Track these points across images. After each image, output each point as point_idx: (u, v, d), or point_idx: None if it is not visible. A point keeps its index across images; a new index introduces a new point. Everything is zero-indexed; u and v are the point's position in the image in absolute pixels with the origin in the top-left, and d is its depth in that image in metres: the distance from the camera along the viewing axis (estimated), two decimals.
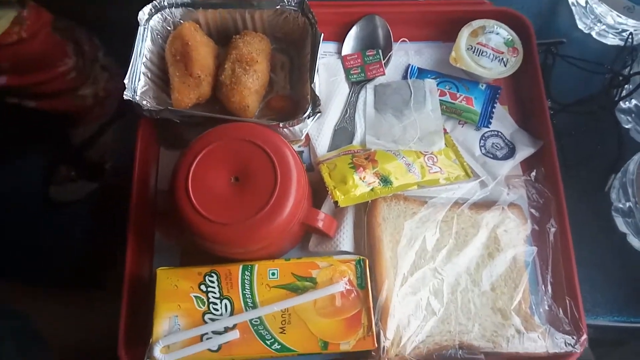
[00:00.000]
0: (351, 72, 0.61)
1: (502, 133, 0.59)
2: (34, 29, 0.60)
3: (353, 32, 0.63)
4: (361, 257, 0.49)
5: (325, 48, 0.63)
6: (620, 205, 0.57)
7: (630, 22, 0.62)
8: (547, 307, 0.52)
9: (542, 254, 0.54)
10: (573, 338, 0.49)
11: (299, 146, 0.58)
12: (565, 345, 0.49)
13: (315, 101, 0.53)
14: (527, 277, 0.52)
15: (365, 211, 0.53)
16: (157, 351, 0.45)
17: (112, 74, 0.92)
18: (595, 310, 0.55)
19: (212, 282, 0.47)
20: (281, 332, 0.46)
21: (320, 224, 0.49)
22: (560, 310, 0.51)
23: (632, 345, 0.81)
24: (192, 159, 0.47)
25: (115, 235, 0.57)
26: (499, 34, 0.60)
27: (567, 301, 0.51)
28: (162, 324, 0.46)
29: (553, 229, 0.54)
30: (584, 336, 0.50)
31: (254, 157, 0.47)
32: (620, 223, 0.57)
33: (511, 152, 0.57)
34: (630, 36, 0.61)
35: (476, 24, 0.61)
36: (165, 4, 0.58)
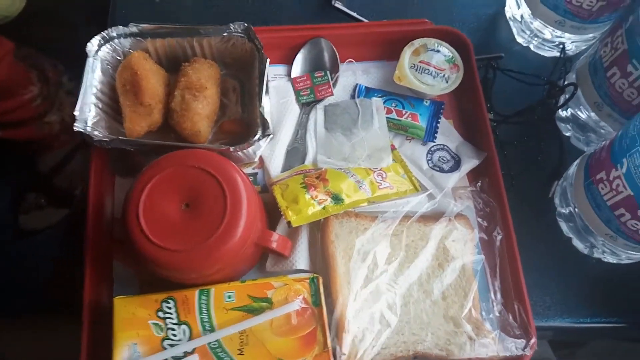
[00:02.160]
0: (301, 93, 0.63)
1: (447, 146, 0.61)
2: None
3: (300, 55, 0.64)
4: (314, 275, 0.50)
5: (275, 71, 0.64)
6: (563, 211, 0.60)
7: (565, 35, 0.65)
8: (497, 313, 0.54)
9: (490, 262, 0.56)
10: (523, 342, 0.51)
11: (253, 168, 0.60)
12: (516, 349, 0.51)
13: (265, 124, 0.55)
14: (477, 285, 0.54)
15: (319, 230, 0.54)
16: None
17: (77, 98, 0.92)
18: (546, 313, 0.58)
19: (169, 308, 0.48)
20: (239, 354, 0.47)
21: (274, 245, 0.51)
22: (510, 316, 0.53)
23: (592, 345, 0.84)
24: (142, 187, 0.47)
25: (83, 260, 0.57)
26: (440, 51, 0.63)
27: (516, 306, 0.53)
28: (121, 352, 0.46)
29: (499, 237, 0.56)
30: (533, 339, 0.52)
31: (204, 183, 0.48)
32: (565, 227, 0.60)
33: (457, 165, 0.60)
34: (563, 47, 0.65)
35: (418, 42, 0.63)
36: (114, 34, 0.59)
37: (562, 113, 0.65)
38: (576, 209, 0.57)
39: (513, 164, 0.62)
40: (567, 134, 0.65)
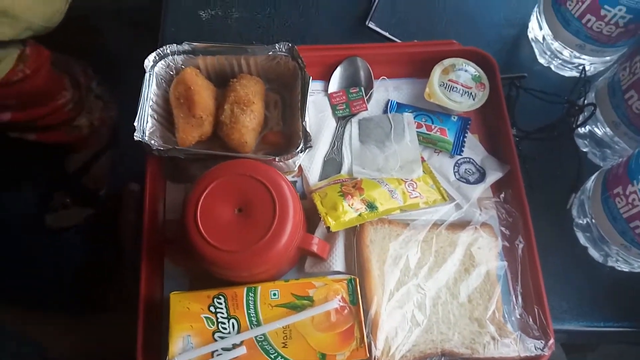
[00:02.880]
0: (337, 108, 0.68)
1: (473, 160, 0.66)
2: (35, 65, 0.63)
3: (337, 72, 0.69)
4: (352, 277, 0.55)
5: (313, 87, 0.69)
6: (580, 222, 0.64)
7: (584, 57, 0.70)
8: (518, 316, 0.58)
9: (512, 268, 0.60)
10: (541, 342, 0.56)
11: (293, 176, 0.65)
12: (535, 349, 0.56)
13: (307, 137, 0.59)
14: (500, 289, 0.58)
15: (355, 234, 0.59)
16: None
17: (105, 102, 0.96)
18: (562, 317, 0.62)
19: (220, 303, 0.53)
20: (283, 347, 0.52)
21: (314, 248, 0.55)
22: (530, 318, 0.58)
23: (602, 348, 0.88)
24: (199, 194, 0.52)
25: (111, 257, 0.61)
26: (467, 71, 0.67)
27: (536, 309, 0.58)
28: (176, 343, 0.51)
29: (521, 245, 0.60)
30: (551, 340, 0.56)
31: (255, 190, 0.53)
32: (581, 237, 0.64)
33: (482, 177, 0.64)
34: (583, 69, 0.69)
35: (447, 62, 0.68)
36: (168, 51, 0.64)
37: (580, 130, 0.69)
38: (593, 220, 0.61)
39: (534, 177, 0.66)
40: (584, 150, 0.69)
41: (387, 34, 0.74)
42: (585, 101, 0.67)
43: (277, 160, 0.58)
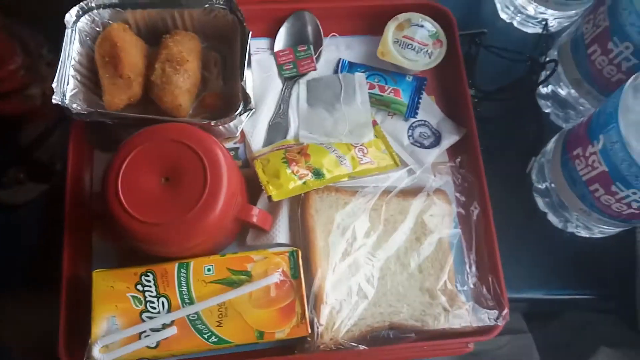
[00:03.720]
0: (283, 67, 0.62)
1: (429, 122, 0.61)
2: None
3: (284, 29, 0.64)
4: (294, 249, 0.51)
5: (258, 45, 0.64)
6: (539, 186, 0.61)
7: (549, 11, 0.65)
8: (471, 286, 0.55)
9: (467, 236, 0.57)
10: (495, 312, 0.53)
11: (235, 143, 0.60)
12: (489, 320, 0.53)
13: (247, 98, 0.54)
14: (453, 258, 0.55)
15: (299, 204, 0.55)
16: (96, 351, 0.46)
17: None
18: (520, 285, 0.59)
19: (149, 281, 0.49)
20: (218, 325, 0.48)
21: (254, 219, 0.51)
22: (484, 288, 0.55)
23: (564, 317, 0.87)
24: (121, 161, 0.47)
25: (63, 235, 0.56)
26: (424, 26, 0.63)
27: (490, 278, 0.55)
28: (100, 325, 0.47)
29: (476, 211, 0.57)
30: (506, 310, 0.53)
31: (184, 157, 0.48)
32: (540, 203, 0.61)
33: (437, 140, 0.60)
34: (546, 24, 0.65)
35: (402, 17, 0.63)
36: (93, 5, 0.58)
37: (543, 90, 0.65)
38: (552, 185, 0.58)
39: (492, 140, 0.63)
40: (546, 111, 0.66)
41: None
42: (547, 58, 0.62)
43: (213, 124, 0.53)
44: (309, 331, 0.48)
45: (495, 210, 0.57)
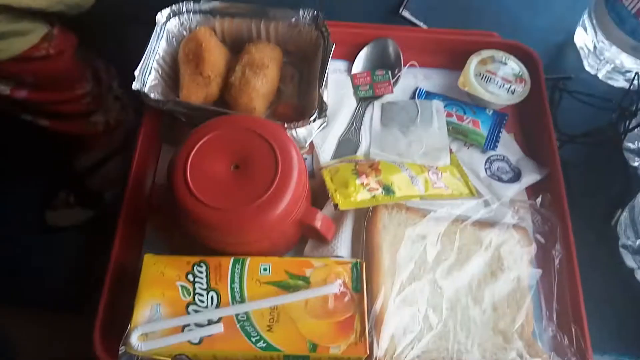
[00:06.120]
0: (360, 88, 0.61)
1: (507, 158, 0.58)
2: (61, 47, 0.61)
3: (364, 53, 0.64)
4: (358, 260, 0.46)
5: (336, 65, 0.64)
6: (630, 243, 0.55)
7: (637, 61, 0.63)
8: (551, 334, 0.49)
9: (547, 280, 0.51)
10: None
11: (303, 154, 0.58)
12: None
13: (322, 106, 0.53)
14: (531, 300, 0.49)
15: (365, 220, 0.51)
16: (135, 338, 0.42)
17: (123, 104, 0.94)
18: (602, 346, 0.52)
19: (201, 272, 0.45)
20: (268, 330, 0.43)
21: (318, 224, 0.48)
22: (566, 339, 0.48)
23: None
24: (193, 145, 0.46)
25: (103, 263, 0.55)
26: (507, 64, 0.61)
27: (573, 329, 0.48)
28: (143, 311, 0.43)
29: (559, 255, 0.51)
30: None
31: (257, 146, 0.46)
32: (629, 258, 0.55)
33: (517, 177, 0.57)
34: (636, 76, 0.62)
35: (485, 53, 0.62)
36: (184, 10, 0.60)
37: (631, 144, 0.61)
38: None
39: (574, 186, 0.58)
40: (634, 164, 0.61)
41: (421, 24, 0.69)
42: (638, 105, 0.59)
43: (286, 127, 0.52)
44: (367, 352, 0.43)
45: (577, 257, 0.51)
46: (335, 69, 0.63)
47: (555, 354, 0.47)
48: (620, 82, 0.66)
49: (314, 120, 0.53)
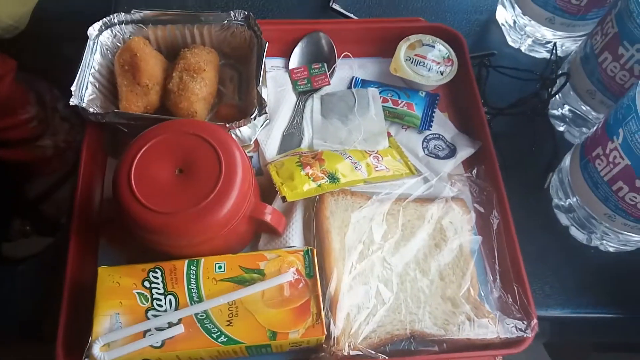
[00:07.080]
0: (298, 83, 0.63)
1: (443, 136, 0.61)
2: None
3: (298, 48, 0.66)
4: (309, 247, 0.48)
5: (273, 63, 0.65)
6: (562, 203, 0.59)
7: (555, 32, 0.67)
8: (496, 295, 0.52)
9: (488, 244, 0.55)
10: (523, 323, 0.50)
11: (249, 151, 0.59)
12: (517, 330, 0.49)
13: (262, 103, 0.55)
14: (474, 265, 0.52)
15: (314, 208, 0.53)
16: (97, 349, 0.43)
17: (72, 124, 0.92)
18: (545, 302, 0.56)
19: (157, 277, 0.46)
20: (228, 325, 0.45)
21: (268, 218, 0.49)
22: (510, 297, 0.52)
23: (593, 358, 0.81)
24: (136, 151, 0.47)
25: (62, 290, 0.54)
26: (435, 47, 0.64)
27: (515, 288, 0.52)
28: (102, 322, 0.44)
29: (496, 220, 0.55)
30: (534, 321, 0.50)
31: (199, 148, 0.47)
32: (562, 217, 0.59)
33: (452, 153, 0.60)
34: (554, 46, 0.66)
35: (413, 37, 0.65)
36: (116, 21, 0.60)
37: (555, 111, 0.65)
38: (575, 198, 0.56)
39: (507, 156, 0.62)
40: (560, 129, 0.65)
41: (352, 16, 0.71)
42: (559, 72, 0.63)
43: (228, 126, 0.53)
44: (325, 332, 0.45)
45: (514, 222, 0.55)
46: (272, 66, 0.65)
47: (501, 313, 0.50)
48: (542, 54, 0.70)
49: (255, 118, 0.54)
